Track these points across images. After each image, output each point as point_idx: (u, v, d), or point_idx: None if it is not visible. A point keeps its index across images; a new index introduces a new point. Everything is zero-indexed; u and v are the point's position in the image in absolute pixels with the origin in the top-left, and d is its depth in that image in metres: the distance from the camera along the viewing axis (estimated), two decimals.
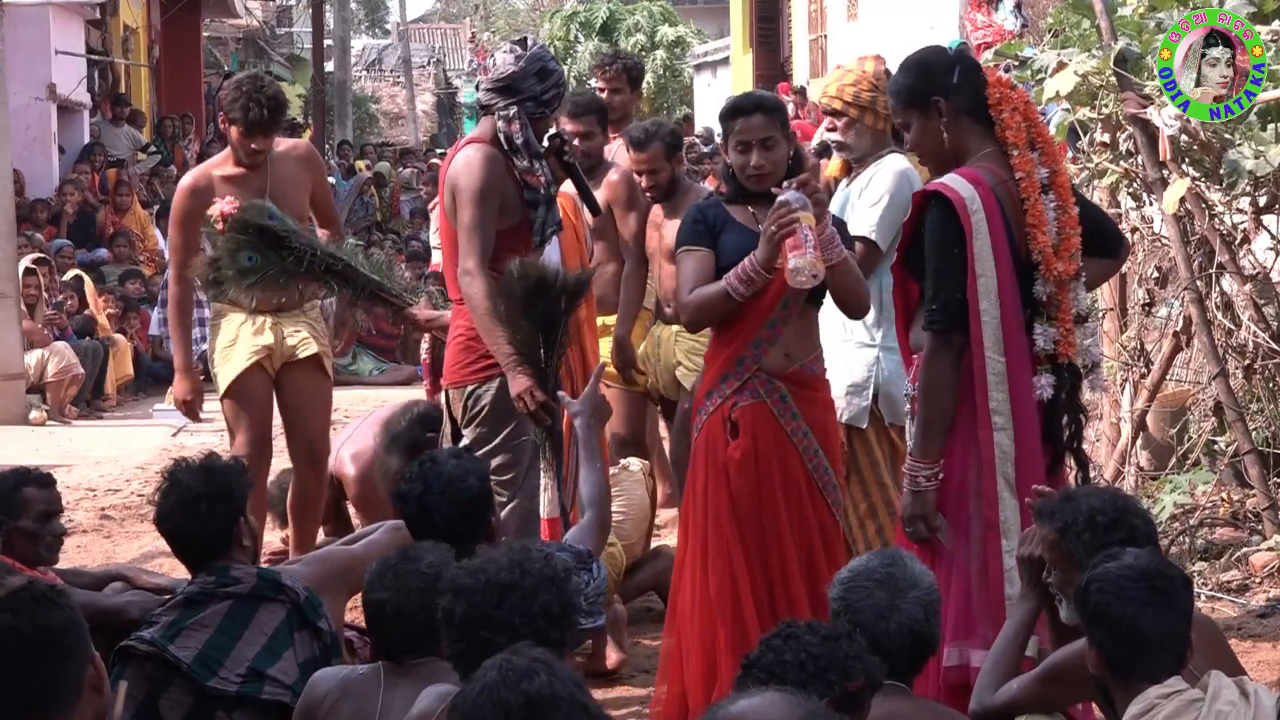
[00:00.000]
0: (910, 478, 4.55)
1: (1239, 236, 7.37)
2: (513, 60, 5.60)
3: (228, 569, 4.41)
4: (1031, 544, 4.01)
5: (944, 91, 4.56)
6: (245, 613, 4.38)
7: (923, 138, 4.63)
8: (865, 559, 3.83)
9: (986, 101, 4.58)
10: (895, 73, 4.81)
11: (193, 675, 4.30)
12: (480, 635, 3.27)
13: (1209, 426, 7.62)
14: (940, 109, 4.56)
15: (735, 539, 5.12)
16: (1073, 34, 7.64)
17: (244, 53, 34.27)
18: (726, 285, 5.04)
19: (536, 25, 37.63)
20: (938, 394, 4.50)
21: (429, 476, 4.36)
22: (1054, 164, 4.61)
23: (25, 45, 16.45)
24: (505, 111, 5.58)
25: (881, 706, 3.42)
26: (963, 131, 4.58)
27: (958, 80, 4.58)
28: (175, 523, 4.44)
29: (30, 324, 13.32)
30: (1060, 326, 4.55)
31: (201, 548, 4.43)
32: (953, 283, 4.46)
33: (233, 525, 4.46)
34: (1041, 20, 13.30)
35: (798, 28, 24.32)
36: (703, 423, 5.21)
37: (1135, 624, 3.42)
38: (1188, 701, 3.38)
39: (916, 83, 4.61)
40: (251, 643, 4.35)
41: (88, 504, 9.51)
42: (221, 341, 7.09)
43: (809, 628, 3.28)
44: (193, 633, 4.35)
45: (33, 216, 15.94)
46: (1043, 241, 4.52)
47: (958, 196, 4.47)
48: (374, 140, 33.61)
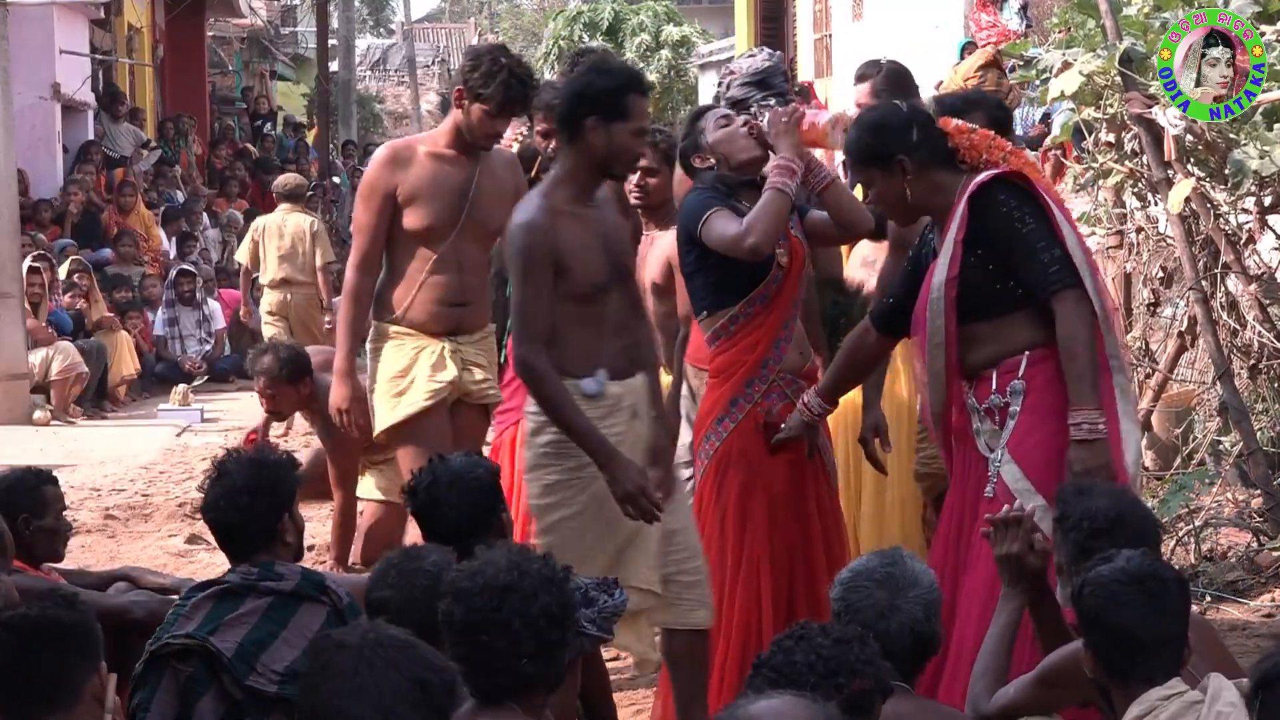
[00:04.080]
0: (1089, 429, 4.47)
1: (1244, 236, 7.37)
2: (765, 57, 5.94)
3: (271, 564, 4.40)
4: (1011, 541, 4.00)
5: (906, 150, 4.66)
6: (286, 611, 4.33)
7: (886, 193, 4.72)
8: (865, 559, 3.83)
9: (948, 147, 4.68)
10: (851, 130, 4.85)
11: (233, 670, 4.27)
12: (480, 639, 3.28)
13: (1214, 427, 7.61)
14: (905, 167, 4.65)
15: (765, 552, 5.17)
16: (1078, 34, 7.63)
17: (248, 52, 34.24)
18: (775, 185, 5.11)
19: (541, 25, 37.62)
20: (1088, 346, 4.54)
21: (438, 470, 4.37)
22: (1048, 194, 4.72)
23: (29, 45, 16.43)
24: (765, 103, 5.71)
25: (884, 707, 3.41)
26: (930, 182, 4.67)
27: (916, 138, 4.67)
28: (217, 512, 4.41)
29: (34, 323, 13.33)
30: None
31: (242, 540, 4.40)
32: (1053, 244, 4.55)
33: (276, 520, 4.41)
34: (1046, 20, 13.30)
35: (802, 27, 24.29)
36: (730, 431, 5.21)
37: (1130, 628, 3.43)
38: (1188, 703, 3.37)
39: (876, 144, 4.71)
40: (291, 643, 4.30)
41: (92, 504, 9.51)
42: (388, 369, 6.00)
43: (821, 630, 3.26)
44: (231, 627, 4.29)
45: (36, 216, 15.94)
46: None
47: (1019, 175, 4.59)
48: (378, 140, 33.63)
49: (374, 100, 46.31)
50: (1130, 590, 3.43)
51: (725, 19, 31.67)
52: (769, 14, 26.19)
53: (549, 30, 33.94)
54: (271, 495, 4.40)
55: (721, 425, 5.24)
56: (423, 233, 5.93)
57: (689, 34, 32.11)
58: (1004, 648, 3.99)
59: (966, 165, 4.67)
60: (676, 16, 32.78)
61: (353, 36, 37.78)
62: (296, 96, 38.46)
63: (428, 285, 5.95)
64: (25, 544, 5.11)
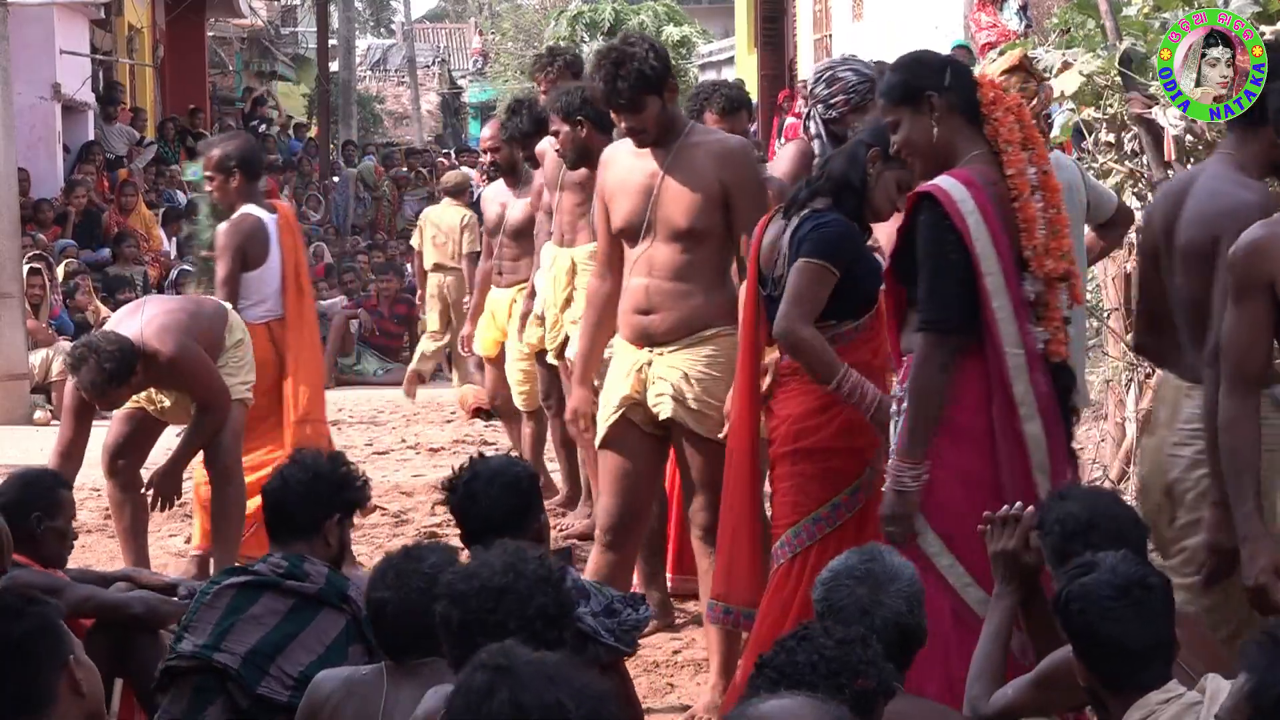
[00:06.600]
0: (895, 478, 4.53)
1: None
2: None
3: (302, 560, 4.42)
4: (1005, 539, 4.00)
5: (937, 88, 4.57)
6: (306, 615, 4.38)
7: (913, 133, 4.62)
8: (844, 557, 3.83)
9: (978, 103, 4.59)
10: (887, 72, 4.82)
11: (241, 679, 4.29)
12: (477, 641, 3.27)
13: None
14: (933, 104, 4.57)
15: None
16: (1078, 34, 7.63)
17: (249, 52, 34.25)
18: (839, 377, 4.97)
19: (542, 25, 37.60)
20: (928, 396, 4.50)
21: (477, 466, 4.39)
22: (1044, 165, 4.63)
23: (30, 45, 16.44)
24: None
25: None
26: (953, 130, 4.58)
27: (949, 80, 4.60)
28: (275, 489, 4.56)
29: (35, 323, 13.33)
30: (1049, 325, 4.56)
31: (288, 524, 4.52)
32: (949, 284, 4.46)
33: (324, 517, 4.50)
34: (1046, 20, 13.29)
35: (803, 28, 24.29)
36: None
37: (1121, 640, 3.42)
38: (1187, 705, 3.37)
39: (909, 78, 4.63)
40: (308, 647, 4.33)
41: (92, 504, 9.49)
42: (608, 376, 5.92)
43: (825, 630, 3.26)
44: (246, 628, 4.34)
45: (37, 217, 15.94)
46: (1036, 240, 4.52)
47: (948, 196, 4.47)
48: (378, 140, 33.62)
49: (374, 100, 46.29)
50: (1118, 603, 3.42)
51: (725, 19, 31.68)
52: (769, 14, 26.18)
53: (549, 30, 33.93)
54: (327, 494, 4.51)
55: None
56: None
57: (689, 34, 32.10)
58: (999, 648, 3.99)
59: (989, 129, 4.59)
60: (677, 16, 32.78)
61: (353, 36, 37.78)
62: (296, 96, 38.46)
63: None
64: (36, 542, 5.14)
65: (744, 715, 2.57)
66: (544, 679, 2.57)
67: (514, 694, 2.55)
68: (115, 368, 6.69)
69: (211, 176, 7.71)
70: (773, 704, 2.58)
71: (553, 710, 2.54)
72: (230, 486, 7.28)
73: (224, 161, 7.64)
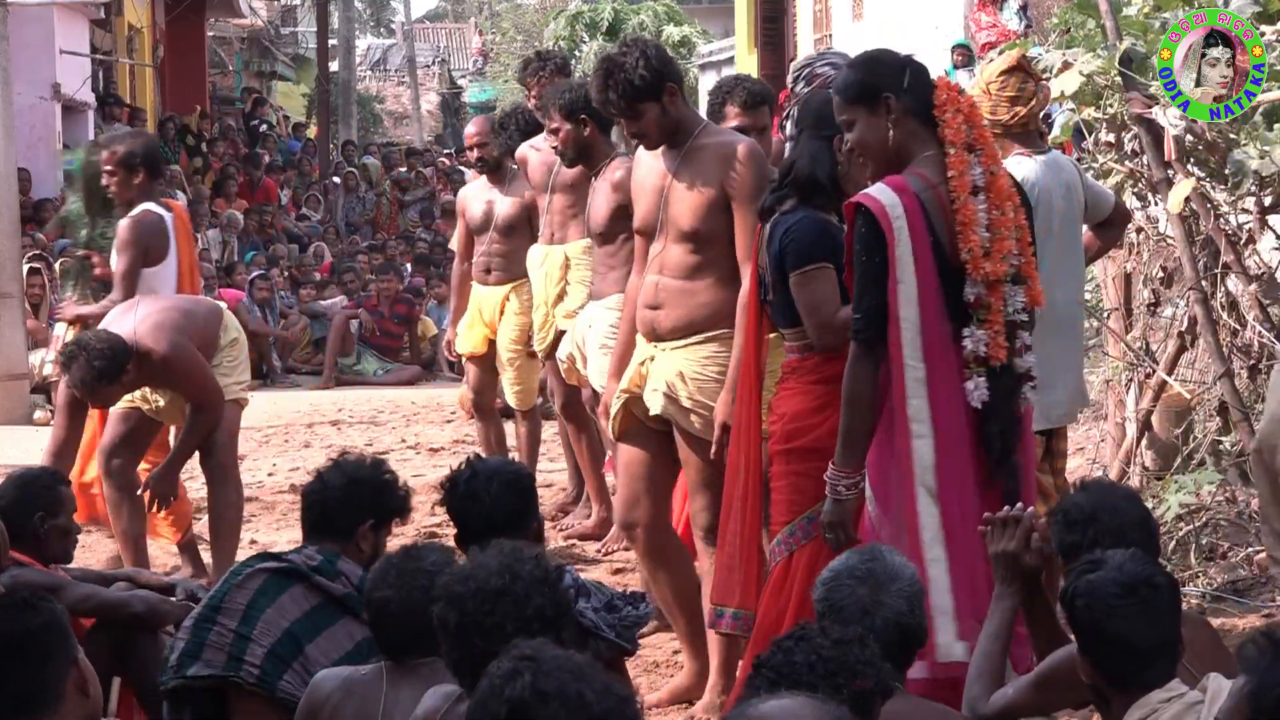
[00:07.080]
0: (830, 486, 4.57)
1: (1244, 236, 7.36)
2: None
3: (335, 559, 4.43)
4: (1005, 540, 4.00)
5: (895, 90, 4.54)
6: (328, 617, 4.38)
7: (867, 134, 4.58)
8: (844, 557, 3.82)
9: (933, 105, 4.56)
10: (844, 69, 4.80)
11: (263, 685, 4.29)
12: (475, 643, 3.27)
13: (1214, 426, 7.61)
14: (890, 106, 4.53)
15: None
16: (1078, 34, 7.63)
17: (249, 52, 34.26)
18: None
19: (542, 25, 37.61)
20: (858, 403, 4.50)
21: (476, 466, 4.39)
22: (993, 166, 4.56)
23: (30, 45, 16.45)
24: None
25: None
26: (909, 133, 4.54)
27: (908, 82, 4.55)
28: (314, 490, 4.57)
29: (35, 323, 13.34)
30: (990, 329, 4.48)
31: (323, 521, 4.52)
32: (874, 292, 4.46)
33: (358, 521, 4.50)
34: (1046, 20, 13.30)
35: (803, 28, 24.30)
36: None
37: (1127, 638, 3.43)
38: (1188, 704, 3.37)
39: (867, 78, 4.59)
40: (326, 651, 4.32)
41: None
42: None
43: (822, 630, 3.26)
44: (271, 620, 4.34)
45: (37, 217, 15.95)
46: (972, 242, 4.48)
47: (878, 204, 4.45)
48: (378, 140, 33.63)
49: (374, 100, 46.30)
50: (1125, 601, 3.43)
51: (725, 19, 31.67)
52: (769, 14, 26.17)
53: (549, 30, 33.95)
54: (365, 498, 4.52)
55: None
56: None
57: (689, 34, 32.14)
58: (999, 648, 3.98)
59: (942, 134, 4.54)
60: (677, 16, 32.82)
61: (353, 36, 37.79)
62: (296, 96, 38.47)
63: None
64: (39, 541, 5.15)
65: (743, 715, 2.57)
66: (568, 672, 2.60)
67: (536, 680, 2.58)
68: (105, 366, 6.65)
69: (113, 171, 7.63)
70: (772, 704, 2.58)
71: (573, 701, 2.57)
72: (227, 486, 7.28)
73: (129, 158, 7.58)
